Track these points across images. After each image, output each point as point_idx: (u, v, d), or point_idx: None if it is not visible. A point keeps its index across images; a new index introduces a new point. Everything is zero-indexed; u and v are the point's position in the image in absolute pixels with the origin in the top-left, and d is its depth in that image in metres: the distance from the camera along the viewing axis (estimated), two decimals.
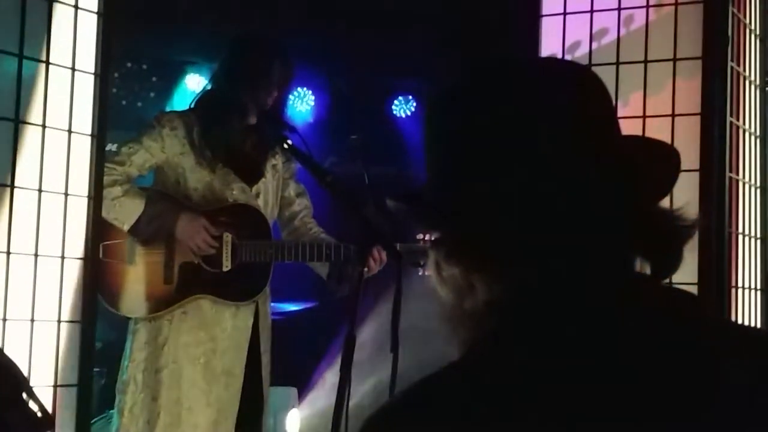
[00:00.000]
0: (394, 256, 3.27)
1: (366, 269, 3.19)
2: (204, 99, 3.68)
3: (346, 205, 3.23)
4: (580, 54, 3.27)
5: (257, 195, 3.64)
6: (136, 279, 3.55)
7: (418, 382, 1.04)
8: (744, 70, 3.21)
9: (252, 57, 3.59)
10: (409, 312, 2.76)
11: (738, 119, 3.16)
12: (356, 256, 3.34)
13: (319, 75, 6.77)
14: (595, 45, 3.25)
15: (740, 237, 3.18)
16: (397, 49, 6.14)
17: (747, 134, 3.24)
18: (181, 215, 3.50)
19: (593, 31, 3.26)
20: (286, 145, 3.43)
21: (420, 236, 3.62)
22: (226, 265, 3.53)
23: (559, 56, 3.28)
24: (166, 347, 3.50)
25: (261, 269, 3.60)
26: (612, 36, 3.23)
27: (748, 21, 3.24)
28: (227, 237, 3.53)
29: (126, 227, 3.48)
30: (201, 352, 3.51)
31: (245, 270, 3.56)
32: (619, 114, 1.74)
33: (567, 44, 3.29)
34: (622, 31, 3.22)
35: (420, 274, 3.69)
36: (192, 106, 3.69)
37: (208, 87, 3.75)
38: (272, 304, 3.82)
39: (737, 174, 3.16)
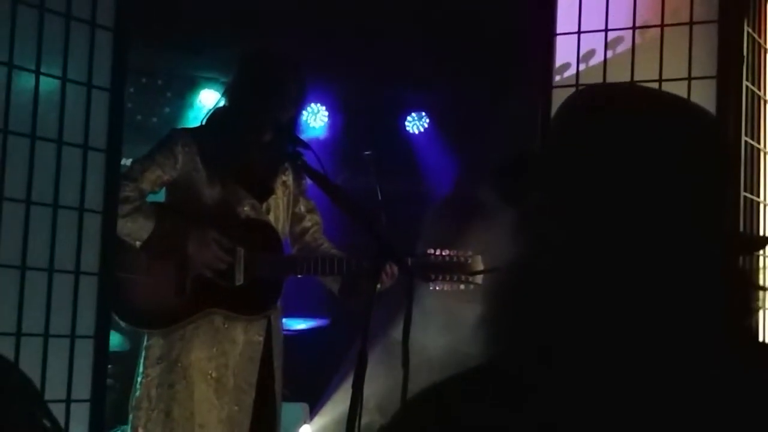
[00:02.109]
0: (405, 271, 3.28)
1: (378, 285, 3.20)
2: (215, 115, 3.70)
3: (358, 221, 3.24)
4: (592, 66, 3.28)
5: (268, 211, 3.64)
6: (149, 294, 3.55)
7: (461, 373, 1.06)
8: (759, 89, 3.20)
9: (263, 73, 3.59)
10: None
11: (754, 139, 3.16)
12: (369, 272, 3.34)
13: (332, 91, 6.78)
14: (609, 55, 3.25)
15: (760, 259, 3.17)
16: (410, 65, 6.15)
17: (763, 154, 3.23)
18: (193, 231, 3.51)
19: (606, 46, 3.26)
20: (299, 162, 3.45)
21: (431, 251, 3.63)
22: (239, 280, 3.54)
23: (573, 70, 3.28)
24: (179, 363, 3.50)
25: (273, 284, 3.60)
26: (626, 54, 3.23)
27: (763, 41, 3.23)
28: (239, 251, 3.54)
29: (138, 243, 3.49)
30: (213, 367, 3.51)
31: (257, 284, 3.56)
32: None
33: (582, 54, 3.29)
34: (636, 49, 3.22)
35: (431, 288, 3.69)
36: (204, 122, 3.71)
37: (221, 103, 3.77)
38: (283, 320, 3.82)
39: (755, 194, 3.15)
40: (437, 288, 3.67)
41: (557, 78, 3.30)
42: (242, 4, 5.39)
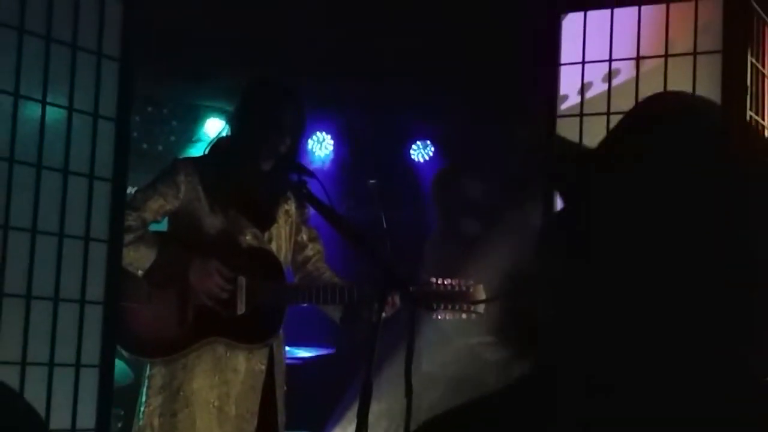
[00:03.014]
0: (408, 300, 3.27)
1: (383, 314, 3.19)
2: (217, 145, 3.72)
3: (362, 250, 3.24)
4: (592, 96, 3.29)
5: (270, 240, 3.65)
6: (151, 323, 3.55)
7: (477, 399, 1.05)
8: (763, 119, 3.21)
9: (263, 102, 3.62)
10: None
11: None
12: (372, 302, 3.34)
13: (338, 119, 6.80)
14: (607, 86, 3.26)
15: None
16: (415, 94, 6.17)
17: None
18: (195, 260, 3.52)
19: (610, 76, 3.27)
20: (304, 191, 3.46)
21: (433, 280, 3.63)
22: (240, 308, 3.54)
23: (577, 101, 3.29)
24: (181, 391, 3.49)
25: (275, 312, 3.60)
26: (628, 84, 3.24)
27: (767, 71, 3.24)
28: (241, 280, 3.54)
29: (141, 272, 3.50)
30: (215, 396, 3.50)
31: (259, 313, 3.56)
32: None
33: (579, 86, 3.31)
34: (639, 79, 3.23)
35: (434, 317, 3.69)
36: (207, 151, 3.73)
37: (224, 132, 3.79)
38: (288, 349, 3.82)
39: None
40: (439, 317, 3.68)
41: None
42: (247, 34, 5.42)
